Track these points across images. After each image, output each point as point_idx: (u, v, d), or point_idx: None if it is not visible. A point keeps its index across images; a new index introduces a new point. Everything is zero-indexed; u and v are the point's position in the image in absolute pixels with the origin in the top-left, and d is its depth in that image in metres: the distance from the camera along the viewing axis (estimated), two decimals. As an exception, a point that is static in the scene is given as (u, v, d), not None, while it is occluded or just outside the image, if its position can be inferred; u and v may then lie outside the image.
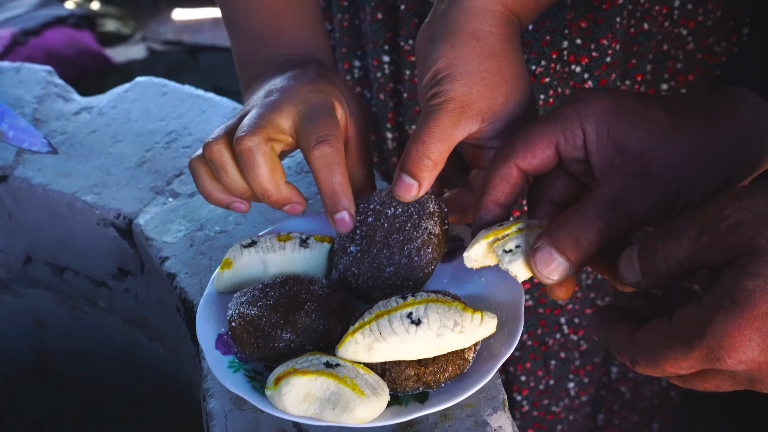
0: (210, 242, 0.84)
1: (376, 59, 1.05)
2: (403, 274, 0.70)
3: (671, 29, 0.98)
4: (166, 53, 3.09)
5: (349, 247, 0.71)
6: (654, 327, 0.54)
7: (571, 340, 1.13)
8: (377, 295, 0.70)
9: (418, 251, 0.69)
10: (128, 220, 0.89)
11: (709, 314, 0.51)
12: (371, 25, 1.03)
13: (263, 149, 0.68)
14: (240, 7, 0.84)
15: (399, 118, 1.08)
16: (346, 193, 0.68)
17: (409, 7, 0.99)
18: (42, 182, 0.93)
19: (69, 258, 0.97)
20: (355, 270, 0.71)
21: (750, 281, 0.49)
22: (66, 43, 2.70)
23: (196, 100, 1.04)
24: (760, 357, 0.50)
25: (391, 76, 1.05)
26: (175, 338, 0.89)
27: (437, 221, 0.70)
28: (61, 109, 1.04)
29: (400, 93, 1.06)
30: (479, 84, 0.66)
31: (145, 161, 0.95)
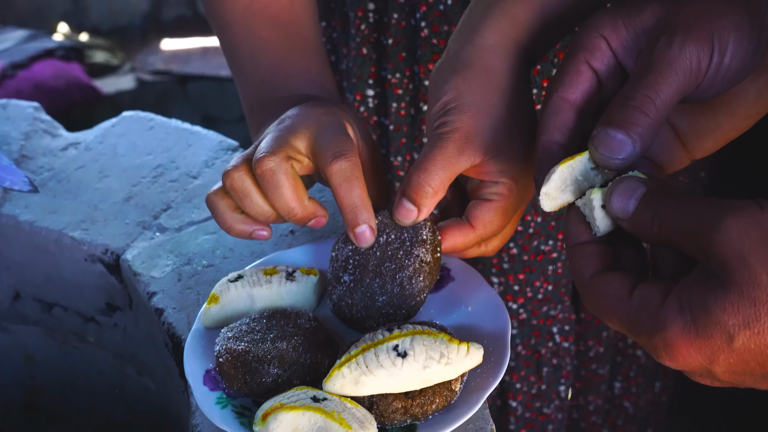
0: (197, 276, 0.84)
1: (359, 94, 1.06)
2: (395, 303, 0.70)
3: None
4: (155, 83, 3.10)
5: (343, 277, 0.71)
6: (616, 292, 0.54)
7: (563, 348, 1.14)
8: (371, 325, 0.71)
9: (410, 279, 0.70)
10: (116, 256, 0.89)
11: (667, 320, 0.51)
12: (355, 60, 1.04)
13: (284, 168, 0.68)
14: (246, 52, 0.85)
15: (382, 150, 1.09)
16: (366, 206, 0.69)
17: (396, 41, 1.00)
18: (29, 219, 0.93)
19: (57, 294, 0.97)
20: (348, 300, 0.71)
21: (721, 314, 0.49)
22: (54, 76, 2.71)
23: (182, 134, 1.05)
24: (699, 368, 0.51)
25: (375, 109, 1.06)
26: (163, 373, 0.89)
27: (429, 249, 0.70)
28: (48, 145, 1.04)
29: (384, 126, 1.07)
30: (486, 117, 0.67)
31: (132, 196, 0.96)
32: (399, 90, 1.03)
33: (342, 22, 1.06)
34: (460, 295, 0.74)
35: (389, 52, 1.01)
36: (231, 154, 1.01)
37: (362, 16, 1.01)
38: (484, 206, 0.69)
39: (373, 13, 1.01)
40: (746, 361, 0.50)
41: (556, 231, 1.05)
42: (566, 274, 1.08)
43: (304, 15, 0.87)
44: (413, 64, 1.01)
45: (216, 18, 0.88)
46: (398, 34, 1.00)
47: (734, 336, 0.49)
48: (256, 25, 0.85)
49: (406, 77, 1.02)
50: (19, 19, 3.22)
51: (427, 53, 0.99)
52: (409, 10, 0.99)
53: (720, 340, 0.49)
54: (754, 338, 0.48)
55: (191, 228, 0.91)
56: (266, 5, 0.85)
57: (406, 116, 1.04)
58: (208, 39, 3.35)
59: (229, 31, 0.86)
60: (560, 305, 1.10)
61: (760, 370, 0.50)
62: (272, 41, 0.84)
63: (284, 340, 0.68)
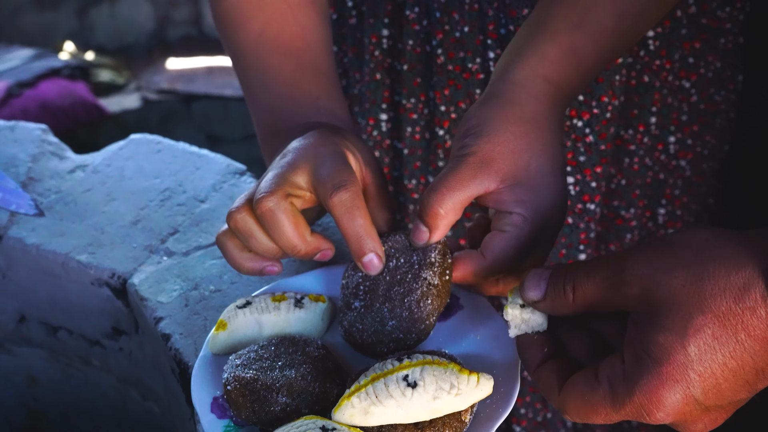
0: (205, 302, 0.84)
1: (372, 118, 1.06)
2: (405, 327, 0.69)
3: (674, 82, 1.00)
4: (160, 102, 3.11)
5: (353, 303, 0.71)
6: (581, 382, 0.57)
7: None
8: (382, 350, 0.70)
9: (418, 303, 0.69)
10: (122, 280, 0.89)
11: (635, 373, 0.54)
12: (368, 85, 1.04)
13: (283, 206, 0.69)
14: (257, 82, 0.86)
15: (395, 173, 1.09)
16: (371, 234, 0.69)
17: (411, 67, 1.01)
18: (36, 242, 0.93)
19: (62, 317, 0.96)
20: (359, 326, 0.70)
21: (660, 336, 0.53)
22: (60, 95, 2.72)
23: (190, 157, 1.05)
24: (684, 407, 0.53)
25: (389, 133, 1.07)
26: (169, 398, 0.89)
27: (437, 271, 0.70)
28: (55, 168, 1.04)
29: (397, 149, 1.07)
30: (503, 144, 0.67)
31: (140, 220, 0.96)
32: (414, 115, 1.03)
33: (355, 47, 1.06)
34: (469, 323, 0.74)
35: (404, 78, 1.02)
36: (238, 177, 1.01)
37: (376, 42, 1.02)
38: (496, 237, 0.69)
39: (387, 39, 1.02)
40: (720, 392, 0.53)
41: (566, 258, 1.05)
42: None
43: (317, 43, 0.87)
44: (428, 89, 1.02)
45: (230, 46, 0.89)
46: (413, 60, 1.01)
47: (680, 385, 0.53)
48: (267, 53, 0.85)
49: (421, 102, 1.03)
50: (25, 38, 3.24)
51: (443, 80, 0.99)
52: (425, 37, 0.99)
53: (679, 356, 0.52)
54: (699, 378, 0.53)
55: (198, 252, 0.91)
56: (278, 33, 0.85)
57: (421, 140, 1.04)
58: (213, 58, 3.37)
59: (242, 59, 0.86)
60: None
61: (740, 389, 0.54)
62: (283, 69, 0.84)
63: (293, 368, 0.67)
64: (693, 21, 0.98)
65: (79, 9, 3.37)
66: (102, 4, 3.40)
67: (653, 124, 1.02)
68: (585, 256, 1.05)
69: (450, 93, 0.99)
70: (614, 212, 1.06)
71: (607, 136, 1.00)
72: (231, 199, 0.98)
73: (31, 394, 1.10)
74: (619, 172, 1.04)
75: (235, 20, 0.88)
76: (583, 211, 1.03)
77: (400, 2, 1.00)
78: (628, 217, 1.06)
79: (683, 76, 1.01)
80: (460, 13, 0.95)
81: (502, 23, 0.94)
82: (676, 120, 1.03)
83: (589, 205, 1.03)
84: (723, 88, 1.03)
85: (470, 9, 0.95)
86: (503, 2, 0.93)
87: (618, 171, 1.04)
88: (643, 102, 1.00)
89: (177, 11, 3.49)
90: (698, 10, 0.98)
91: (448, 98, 1.00)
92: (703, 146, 1.05)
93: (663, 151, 1.04)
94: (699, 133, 1.04)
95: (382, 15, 1.00)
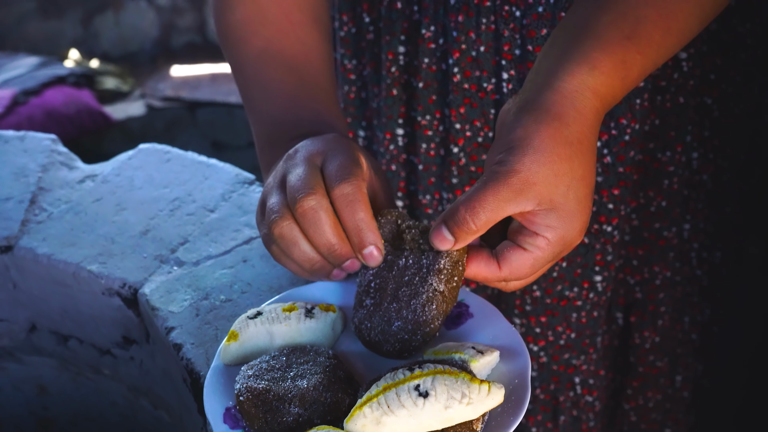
0: (215, 311, 0.84)
1: (389, 132, 1.07)
2: (410, 329, 0.70)
3: (697, 99, 1.01)
4: (164, 110, 3.12)
5: (365, 301, 0.72)
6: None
7: (586, 401, 1.13)
8: (388, 349, 0.71)
9: (423, 307, 0.70)
10: (133, 290, 0.89)
11: None
12: (385, 100, 1.05)
13: (324, 205, 0.70)
14: (258, 95, 0.86)
15: (411, 187, 1.09)
16: (371, 228, 0.70)
17: (427, 85, 1.01)
18: (47, 252, 0.93)
19: (73, 327, 0.97)
20: (368, 324, 0.72)
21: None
22: (66, 103, 2.72)
23: (199, 167, 1.05)
24: None
25: (405, 148, 1.07)
26: (180, 408, 0.89)
27: (443, 278, 0.71)
28: (65, 178, 1.05)
29: (413, 164, 1.08)
30: (547, 166, 0.66)
31: (150, 229, 0.96)
32: (429, 131, 1.04)
33: (373, 62, 1.06)
34: (479, 332, 0.74)
35: (419, 95, 1.02)
36: (247, 187, 1.02)
37: (393, 59, 1.02)
38: (516, 252, 0.68)
39: (403, 56, 1.02)
40: None
41: (581, 279, 1.04)
42: (590, 325, 1.07)
43: (318, 60, 0.88)
44: (443, 107, 1.02)
45: (232, 60, 0.89)
46: (429, 78, 1.01)
47: None
48: (269, 68, 0.86)
49: (436, 119, 1.03)
50: (30, 46, 3.25)
51: (459, 98, 0.99)
52: (441, 56, 1.00)
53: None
54: None
55: (209, 262, 0.91)
56: (281, 49, 0.86)
57: (436, 156, 1.05)
58: (217, 65, 3.37)
59: (244, 72, 0.87)
60: (584, 356, 1.09)
61: None
62: (284, 84, 0.85)
63: (305, 379, 0.68)
64: (714, 38, 0.98)
65: (84, 17, 3.38)
66: (106, 12, 3.41)
67: (687, 143, 1.02)
68: (601, 278, 1.05)
69: (465, 111, 1.00)
70: (656, 234, 1.06)
71: (625, 158, 0.99)
72: (240, 209, 0.98)
73: (40, 403, 1.11)
74: (659, 194, 1.04)
75: (238, 36, 0.89)
76: (599, 232, 1.03)
77: (416, 21, 1.00)
78: (669, 237, 1.06)
79: (704, 92, 1.01)
80: (477, 33, 0.96)
81: (518, 44, 0.94)
82: (699, 135, 1.03)
83: (605, 226, 1.02)
84: (742, 101, 1.03)
85: (487, 29, 0.95)
86: (521, 23, 0.94)
87: (657, 193, 1.04)
88: (681, 122, 1.00)
89: (181, 19, 3.50)
90: (719, 26, 0.98)
91: (463, 116, 1.00)
92: (723, 159, 1.05)
93: (687, 166, 1.04)
94: (720, 147, 1.04)
95: (398, 32, 1.01)
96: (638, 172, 1.03)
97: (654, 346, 1.12)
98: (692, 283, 1.10)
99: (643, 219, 1.06)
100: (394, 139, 1.07)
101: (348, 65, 1.09)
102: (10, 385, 1.10)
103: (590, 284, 1.05)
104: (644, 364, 1.13)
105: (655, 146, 1.01)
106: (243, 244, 0.93)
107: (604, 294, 1.06)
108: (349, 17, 1.06)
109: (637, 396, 1.15)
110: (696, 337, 1.14)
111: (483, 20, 0.95)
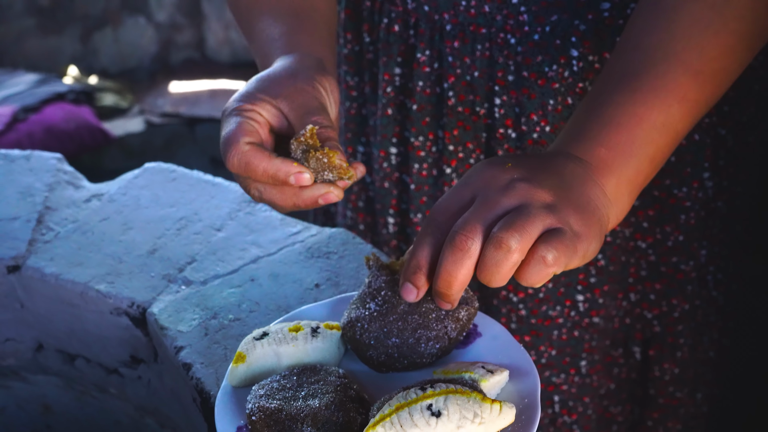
0: (224, 331, 0.85)
1: (383, 151, 1.08)
2: (404, 352, 0.72)
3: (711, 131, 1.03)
4: (163, 126, 3.12)
5: (369, 303, 0.73)
6: None
7: (564, 421, 1.13)
8: (371, 354, 0.73)
9: (428, 341, 0.72)
10: (142, 309, 0.89)
11: None
12: (381, 119, 1.06)
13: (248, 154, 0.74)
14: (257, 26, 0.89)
15: (402, 205, 1.10)
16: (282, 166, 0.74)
17: (421, 108, 1.02)
18: (55, 272, 0.94)
19: (80, 346, 0.97)
20: (365, 325, 0.73)
21: None
22: (65, 119, 2.73)
23: (204, 186, 1.06)
24: None
25: (398, 167, 1.08)
26: (188, 428, 0.89)
27: (457, 327, 0.73)
28: (71, 197, 1.05)
29: (405, 183, 1.09)
30: None
31: (157, 249, 0.96)
32: (421, 152, 1.05)
33: (372, 82, 1.08)
34: (488, 351, 0.75)
35: (413, 117, 1.04)
36: (253, 206, 1.02)
37: (389, 80, 1.04)
38: None
39: (399, 78, 1.04)
40: None
41: (564, 297, 1.06)
42: (571, 342, 1.08)
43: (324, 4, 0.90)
44: (437, 129, 1.03)
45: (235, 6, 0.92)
46: (423, 101, 1.02)
47: None
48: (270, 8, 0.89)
49: (429, 141, 1.04)
50: (29, 62, 3.26)
51: (453, 121, 1.01)
52: (435, 79, 1.01)
53: None
54: None
55: (216, 281, 0.91)
56: None
57: (428, 177, 1.06)
58: (216, 81, 3.38)
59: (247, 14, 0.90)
60: (564, 375, 1.10)
61: None
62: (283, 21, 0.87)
63: (316, 398, 0.68)
64: None
65: (83, 33, 3.39)
66: (105, 29, 3.42)
67: (706, 179, 1.02)
68: (583, 298, 1.06)
69: (459, 133, 1.01)
70: (674, 268, 1.06)
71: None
72: (247, 228, 0.99)
73: (44, 421, 1.11)
74: (676, 229, 1.04)
75: None
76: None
77: (411, 45, 1.02)
78: (687, 270, 1.06)
79: (719, 123, 1.02)
80: (472, 59, 0.98)
81: (511, 70, 0.96)
82: (714, 165, 1.03)
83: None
84: (756, 130, 1.04)
85: (482, 56, 0.97)
86: (515, 50, 0.95)
87: (675, 229, 1.04)
88: (696, 159, 1.01)
89: (180, 35, 3.51)
90: None
91: (456, 138, 1.02)
92: (738, 185, 1.06)
93: (703, 198, 1.05)
94: (734, 174, 1.05)
95: (395, 55, 1.03)
96: (654, 208, 1.04)
97: (674, 377, 1.12)
98: (710, 304, 1.11)
99: (661, 254, 1.06)
100: (388, 158, 1.08)
101: (350, 82, 1.11)
102: (14, 405, 1.10)
103: (572, 303, 1.06)
104: (664, 396, 1.13)
105: (672, 183, 1.02)
106: (250, 263, 0.94)
107: (586, 315, 1.07)
108: (353, 36, 1.08)
109: (657, 427, 1.15)
110: (714, 354, 1.14)
111: (478, 47, 0.97)
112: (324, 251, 0.95)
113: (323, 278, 0.91)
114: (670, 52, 0.75)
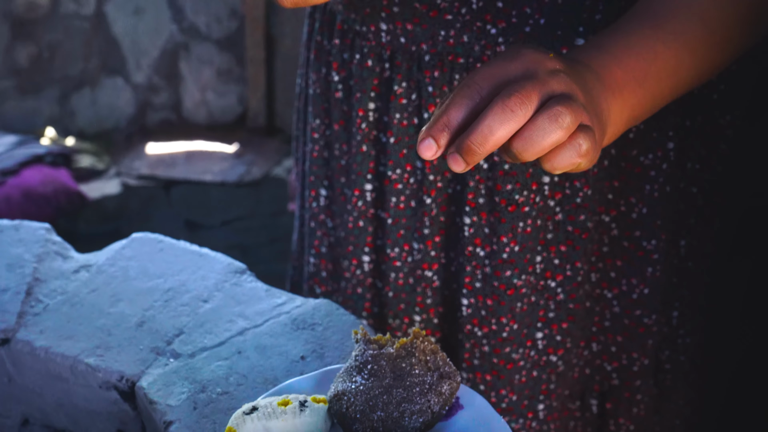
0: (213, 405, 0.86)
1: (357, 189, 1.10)
2: (388, 426, 0.74)
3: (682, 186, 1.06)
4: (139, 188, 3.14)
5: (356, 377, 0.76)
6: None
7: None
8: (356, 428, 0.74)
9: (412, 415, 0.74)
10: (131, 383, 0.91)
11: None
12: (355, 157, 1.08)
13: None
14: None
15: (377, 241, 1.12)
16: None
17: (398, 140, 1.05)
18: (44, 345, 0.95)
19: (67, 421, 0.97)
20: (351, 398, 0.75)
21: None
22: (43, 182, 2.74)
23: (191, 256, 1.08)
24: None
25: (373, 203, 1.10)
26: (176, 501, 0.90)
27: (440, 402, 0.75)
28: (60, 268, 1.07)
29: (380, 218, 1.10)
30: None
31: (145, 321, 0.98)
32: (399, 185, 1.07)
33: (342, 120, 1.10)
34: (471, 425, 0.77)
35: (390, 150, 1.06)
36: (239, 276, 1.05)
37: (363, 115, 1.06)
38: None
39: (373, 112, 1.06)
40: None
41: (526, 338, 1.07)
42: (529, 384, 1.10)
43: None
44: (415, 159, 1.06)
45: None
46: (400, 133, 1.05)
47: None
48: None
49: (407, 172, 1.06)
50: (7, 124, 3.28)
51: None
52: (413, 110, 1.03)
53: None
54: None
55: (204, 354, 0.93)
56: None
57: (406, 209, 1.08)
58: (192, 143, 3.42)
59: None
60: (522, 420, 1.12)
61: None
62: None
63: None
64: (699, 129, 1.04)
65: (61, 95, 3.42)
66: (83, 90, 3.45)
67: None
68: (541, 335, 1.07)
69: (438, 162, 1.03)
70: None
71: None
72: (233, 299, 1.01)
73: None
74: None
75: None
76: (544, 288, 1.06)
77: (387, 78, 1.04)
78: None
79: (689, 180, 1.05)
80: (450, 88, 1.00)
81: None
82: (686, 224, 1.06)
83: (550, 282, 1.06)
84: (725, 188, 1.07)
85: None
86: None
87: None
88: (666, 212, 1.04)
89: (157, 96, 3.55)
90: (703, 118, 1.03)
91: (436, 168, 1.04)
92: (709, 245, 1.08)
93: (675, 255, 1.07)
94: (708, 233, 1.08)
95: (368, 90, 1.05)
96: (622, 259, 1.07)
97: None
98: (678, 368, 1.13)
99: (625, 306, 1.09)
100: (363, 195, 1.09)
101: (313, 124, 1.13)
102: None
103: (532, 342, 1.07)
104: None
105: (641, 235, 1.05)
106: (237, 335, 0.96)
107: (544, 354, 1.08)
108: (318, 77, 1.11)
109: None
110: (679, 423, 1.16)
111: (456, 76, 1.00)
112: (309, 322, 0.97)
113: (308, 350, 0.93)
114: (694, 4, 0.82)
